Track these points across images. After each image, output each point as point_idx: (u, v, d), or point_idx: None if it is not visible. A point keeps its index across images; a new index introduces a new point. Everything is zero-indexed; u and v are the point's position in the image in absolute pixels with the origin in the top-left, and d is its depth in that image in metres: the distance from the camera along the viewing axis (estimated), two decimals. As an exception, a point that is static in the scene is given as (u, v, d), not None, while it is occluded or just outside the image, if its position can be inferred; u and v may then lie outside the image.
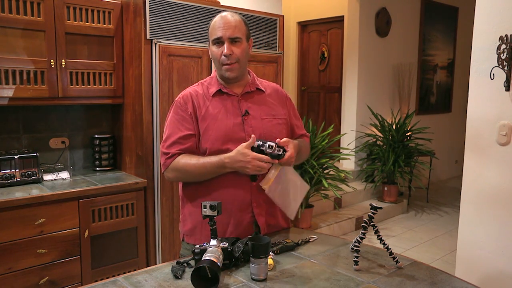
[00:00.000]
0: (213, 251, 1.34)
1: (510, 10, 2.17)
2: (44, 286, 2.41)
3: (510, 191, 2.22)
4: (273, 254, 1.51)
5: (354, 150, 5.25)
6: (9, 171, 2.53)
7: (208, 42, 1.68)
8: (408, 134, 5.19)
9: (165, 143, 1.66)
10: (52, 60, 2.58)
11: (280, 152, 1.53)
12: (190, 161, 1.60)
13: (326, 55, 6.08)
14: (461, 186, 2.44)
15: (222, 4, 3.14)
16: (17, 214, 2.30)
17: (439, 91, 6.66)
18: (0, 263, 2.26)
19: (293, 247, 1.60)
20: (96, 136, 3.02)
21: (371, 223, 1.45)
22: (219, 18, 1.63)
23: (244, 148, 1.52)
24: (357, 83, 5.38)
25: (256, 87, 1.73)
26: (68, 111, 2.98)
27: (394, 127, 5.18)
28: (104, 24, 2.78)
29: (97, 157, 3.02)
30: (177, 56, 2.77)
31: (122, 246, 2.71)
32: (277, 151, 1.52)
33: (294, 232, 1.77)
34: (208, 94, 1.67)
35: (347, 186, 4.43)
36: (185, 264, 1.43)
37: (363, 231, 1.46)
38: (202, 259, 1.30)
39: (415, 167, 5.29)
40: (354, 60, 5.38)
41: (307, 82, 6.43)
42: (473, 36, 2.33)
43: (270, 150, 1.51)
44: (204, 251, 1.37)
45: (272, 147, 1.51)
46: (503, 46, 2.17)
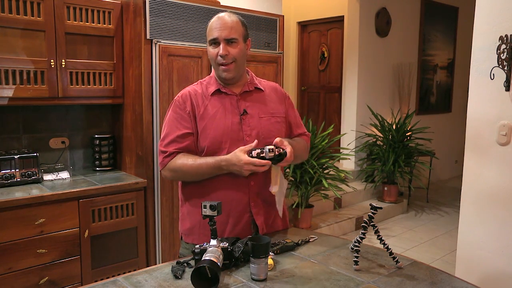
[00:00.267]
0: (213, 251, 1.34)
1: (510, 10, 2.17)
2: (44, 286, 2.41)
3: (510, 191, 2.22)
4: (273, 254, 1.51)
5: (354, 150, 5.25)
6: (9, 171, 2.53)
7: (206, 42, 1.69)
8: (408, 134, 5.19)
9: (163, 142, 1.66)
10: (52, 60, 2.58)
11: (282, 152, 1.54)
12: (187, 161, 1.60)
13: (326, 55, 6.08)
14: (461, 186, 2.44)
15: (222, 4, 3.14)
16: (17, 214, 2.30)
17: (439, 91, 6.66)
18: (0, 263, 2.26)
19: (293, 247, 1.60)
20: (96, 136, 3.02)
21: (371, 223, 1.45)
22: (216, 18, 1.63)
23: (240, 152, 1.52)
24: (357, 83, 5.38)
25: (255, 86, 1.74)
26: (68, 111, 2.98)
27: (394, 127, 5.18)
28: (104, 24, 2.78)
29: (97, 157, 3.02)
30: (177, 56, 2.77)
31: (122, 246, 2.71)
32: (277, 151, 1.53)
33: (294, 232, 1.77)
34: (207, 93, 1.68)
35: (347, 186, 4.44)
36: (185, 264, 1.43)
37: (363, 231, 1.46)
38: (202, 259, 1.30)
39: (415, 167, 5.29)
40: (354, 60, 5.38)
41: (307, 82, 6.43)
42: (473, 36, 2.33)
43: (271, 154, 1.51)
44: (204, 251, 1.37)
45: (272, 150, 1.51)
46: (503, 46, 2.17)
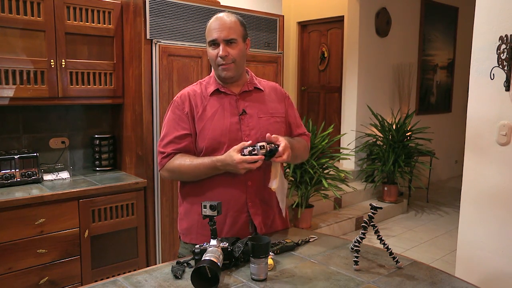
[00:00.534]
0: (213, 251, 1.34)
1: (510, 10, 2.17)
2: (44, 286, 2.41)
3: (510, 191, 2.22)
4: (273, 254, 1.51)
5: (354, 150, 5.24)
6: (9, 171, 2.53)
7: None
8: (408, 134, 5.19)
9: (161, 142, 1.68)
10: (52, 60, 2.58)
11: (272, 147, 1.52)
12: (184, 162, 1.61)
13: (326, 55, 6.08)
14: (461, 186, 2.44)
15: (222, 4, 3.13)
16: (17, 214, 2.30)
17: (439, 91, 6.66)
18: (0, 263, 2.26)
19: (293, 247, 1.60)
20: (96, 136, 3.02)
21: (371, 223, 1.45)
22: (215, 19, 1.63)
23: (233, 151, 1.51)
24: (357, 83, 5.38)
25: (254, 86, 1.73)
26: (68, 111, 2.98)
27: (394, 127, 5.18)
28: (104, 24, 2.78)
29: (97, 157, 3.02)
30: (177, 56, 2.77)
31: (122, 246, 2.71)
32: (269, 148, 1.52)
33: (294, 232, 1.77)
34: (206, 94, 1.68)
35: (347, 186, 4.43)
36: (185, 264, 1.43)
37: (363, 231, 1.46)
38: (202, 259, 1.30)
39: (415, 167, 5.29)
40: (354, 60, 5.38)
41: (307, 82, 6.43)
42: (473, 36, 2.33)
43: (263, 150, 1.51)
44: (204, 251, 1.37)
45: (263, 146, 1.50)
46: (503, 46, 2.17)
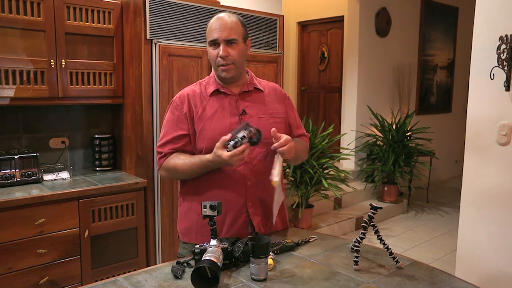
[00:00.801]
0: (213, 251, 1.34)
1: (510, 10, 2.17)
2: (44, 286, 2.41)
3: (510, 191, 2.22)
4: (273, 254, 1.51)
5: (354, 150, 5.24)
6: (9, 171, 2.53)
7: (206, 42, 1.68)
8: (408, 134, 5.19)
9: (159, 142, 1.70)
10: (52, 60, 2.58)
11: (254, 131, 1.48)
12: (178, 161, 1.63)
13: (326, 55, 6.08)
14: (461, 186, 2.44)
15: (222, 4, 3.13)
16: (17, 214, 2.30)
17: (439, 91, 6.66)
18: (0, 263, 2.26)
19: (293, 247, 1.60)
20: (96, 136, 3.03)
21: (371, 223, 1.45)
22: (216, 19, 1.63)
23: (217, 149, 1.50)
24: (357, 83, 5.38)
25: (254, 86, 1.73)
26: (68, 111, 2.98)
27: (394, 127, 5.18)
28: (104, 24, 2.78)
29: (97, 157, 3.02)
30: (177, 56, 2.77)
31: (122, 246, 2.71)
32: (251, 135, 1.48)
33: (294, 232, 1.77)
34: (206, 94, 1.68)
35: (347, 186, 4.43)
36: (185, 264, 1.43)
37: (363, 231, 1.46)
38: (202, 259, 1.30)
39: (415, 167, 5.29)
40: (354, 60, 5.37)
41: (307, 82, 6.43)
42: (473, 36, 2.33)
43: (246, 140, 1.47)
44: (204, 251, 1.37)
45: (244, 137, 1.47)
46: (503, 46, 2.17)
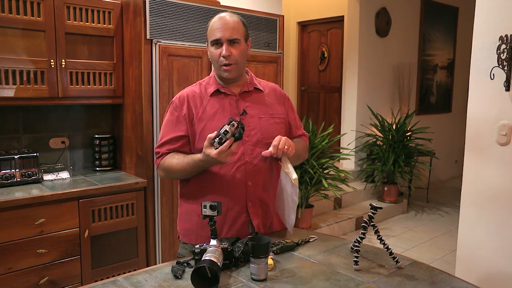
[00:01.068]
0: (213, 251, 1.34)
1: (510, 10, 2.17)
2: (44, 286, 2.41)
3: (510, 191, 2.22)
4: (273, 254, 1.51)
5: (354, 150, 5.24)
6: (9, 171, 2.53)
7: (206, 42, 1.68)
8: (408, 134, 5.19)
9: (158, 143, 1.71)
10: (52, 60, 2.58)
11: (236, 124, 1.45)
12: (173, 160, 1.64)
13: (326, 55, 6.08)
14: (461, 186, 2.44)
15: (222, 4, 3.13)
16: (17, 214, 2.30)
17: (439, 91, 6.65)
18: (0, 263, 2.26)
19: (293, 247, 1.60)
20: (96, 136, 3.03)
21: (371, 223, 1.45)
22: (218, 19, 1.63)
23: (206, 148, 1.48)
24: (357, 83, 5.38)
25: (254, 86, 1.73)
26: (68, 111, 2.98)
27: (394, 127, 5.18)
28: (104, 24, 2.78)
29: (97, 157, 3.02)
30: (177, 56, 2.77)
31: (122, 246, 2.71)
32: (233, 128, 1.45)
33: (294, 232, 1.77)
34: (206, 94, 1.68)
35: (347, 186, 4.43)
36: (185, 264, 1.43)
37: (363, 231, 1.46)
38: (202, 259, 1.30)
39: (415, 167, 5.29)
40: (354, 60, 5.37)
41: (307, 82, 6.42)
42: (473, 36, 2.33)
43: (229, 135, 1.44)
44: (204, 251, 1.37)
45: (227, 131, 1.44)
46: (503, 46, 2.17)
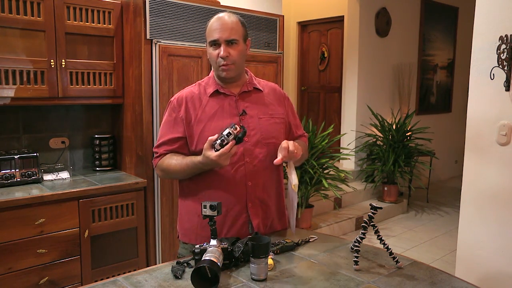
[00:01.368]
0: (213, 251, 1.34)
1: (510, 10, 2.17)
2: (44, 286, 2.41)
3: (510, 191, 2.22)
4: (273, 254, 1.51)
5: (354, 150, 5.24)
6: (9, 171, 2.53)
7: (206, 42, 1.68)
8: (408, 134, 5.19)
9: (156, 143, 1.72)
10: (52, 60, 2.58)
11: (239, 128, 1.47)
12: (171, 161, 1.64)
13: (326, 55, 6.08)
14: (461, 186, 2.44)
15: (222, 4, 3.13)
16: (17, 214, 2.30)
17: (439, 91, 6.66)
18: (0, 263, 2.26)
19: (293, 247, 1.60)
20: (96, 136, 3.03)
21: (371, 223, 1.45)
22: (216, 19, 1.62)
23: (206, 150, 1.49)
24: (357, 83, 5.38)
25: (254, 86, 1.73)
26: (68, 111, 2.98)
27: (394, 127, 5.18)
28: (104, 24, 2.78)
29: (97, 157, 3.02)
30: (177, 56, 2.77)
31: (122, 246, 2.71)
32: (236, 131, 1.47)
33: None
34: (205, 95, 1.68)
35: (347, 186, 4.43)
36: (185, 264, 1.43)
37: (363, 231, 1.46)
38: (202, 259, 1.30)
39: (415, 167, 5.29)
40: (354, 60, 5.37)
41: (307, 82, 6.42)
42: (473, 36, 2.33)
43: (232, 137, 1.46)
44: (204, 251, 1.37)
45: (230, 133, 1.46)
46: (503, 46, 2.17)
